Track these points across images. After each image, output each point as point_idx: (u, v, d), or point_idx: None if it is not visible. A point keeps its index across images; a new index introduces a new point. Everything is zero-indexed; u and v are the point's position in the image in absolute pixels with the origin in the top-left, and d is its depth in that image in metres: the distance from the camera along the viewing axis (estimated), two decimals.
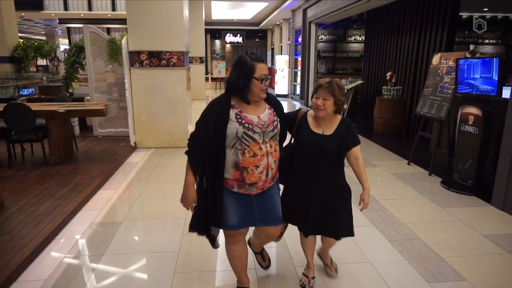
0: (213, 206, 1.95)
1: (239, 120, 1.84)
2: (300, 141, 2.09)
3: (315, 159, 2.06)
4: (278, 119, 1.98)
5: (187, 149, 1.92)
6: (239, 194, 1.95)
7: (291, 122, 2.15)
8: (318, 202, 2.10)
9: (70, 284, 2.41)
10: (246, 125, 1.84)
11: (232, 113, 1.86)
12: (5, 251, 2.62)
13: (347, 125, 2.08)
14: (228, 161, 1.87)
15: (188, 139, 1.93)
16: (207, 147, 1.86)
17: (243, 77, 1.82)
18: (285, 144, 2.18)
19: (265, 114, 1.93)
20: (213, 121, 1.84)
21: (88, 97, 6.54)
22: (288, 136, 2.21)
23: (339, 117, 2.10)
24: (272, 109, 1.99)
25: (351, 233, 2.21)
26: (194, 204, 2.00)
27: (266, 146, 1.88)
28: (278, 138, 2.01)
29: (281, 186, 2.24)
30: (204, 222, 2.02)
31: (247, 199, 1.96)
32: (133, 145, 6.02)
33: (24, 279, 2.47)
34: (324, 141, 2.04)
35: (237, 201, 1.96)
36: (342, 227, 2.17)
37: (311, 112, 2.14)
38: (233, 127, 1.82)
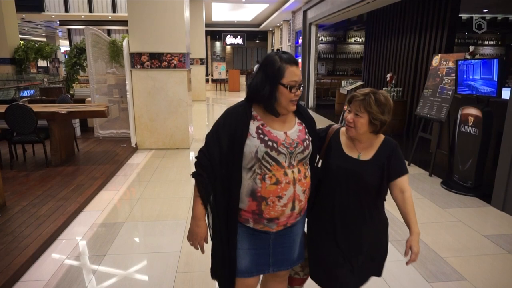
0: (227, 246, 1.53)
1: (261, 136, 1.44)
2: (329, 165, 1.64)
3: (347, 190, 1.60)
4: (310, 138, 1.56)
5: (194, 170, 1.53)
6: (255, 231, 1.52)
7: (319, 141, 1.73)
8: (348, 245, 1.62)
9: (72, 284, 2.43)
10: (270, 143, 1.42)
11: (253, 126, 1.46)
12: (7, 251, 2.64)
13: (391, 149, 1.62)
14: (243, 187, 1.46)
15: (196, 157, 1.53)
16: (219, 168, 1.48)
17: (268, 81, 1.42)
18: None
19: (294, 130, 1.52)
20: (227, 136, 1.45)
21: (89, 99, 6.56)
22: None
23: (381, 137, 1.66)
24: (304, 125, 1.57)
25: (377, 273, 1.73)
26: (204, 243, 1.58)
27: (293, 172, 1.46)
28: (308, 162, 1.58)
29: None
30: (228, 264, 1.56)
31: (263, 238, 1.53)
32: (134, 146, 6.04)
33: (27, 279, 2.48)
34: (360, 168, 1.59)
35: (251, 238, 1.53)
36: (369, 272, 1.71)
37: (344, 129, 1.70)
38: (252, 144, 1.42)
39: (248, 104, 1.52)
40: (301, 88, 1.48)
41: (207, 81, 17.22)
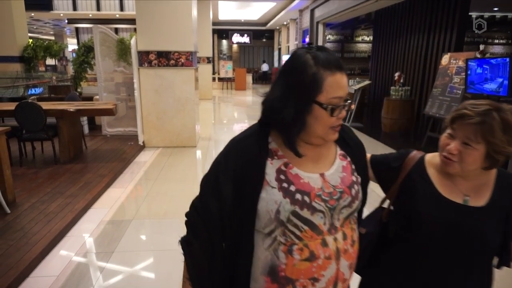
0: None
1: (285, 184, 0.91)
2: (416, 215, 1.06)
3: (446, 254, 1.03)
4: (359, 180, 1.01)
5: (183, 235, 1.03)
6: None
7: (390, 173, 1.16)
8: None
9: (81, 281, 2.45)
10: (298, 196, 0.90)
11: (271, 168, 0.93)
12: (18, 247, 2.67)
13: None
14: (257, 261, 0.95)
15: (187, 215, 1.03)
16: (219, 232, 0.97)
17: (294, 98, 0.88)
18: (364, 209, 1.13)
19: (335, 169, 0.98)
20: (232, 184, 0.93)
21: (97, 97, 6.61)
22: (374, 195, 1.20)
23: (493, 171, 1.07)
24: (349, 159, 1.02)
25: None
26: None
27: (335, 239, 0.94)
28: (356, 216, 1.03)
29: None
30: None
31: None
32: (142, 144, 6.07)
33: (37, 275, 2.51)
34: (472, 220, 1.01)
35: None
36: None
37: (432, 159, 1.13)
38: (271, 199, 0.90)
39: (262, 131, 0.97)
40: (349, 105, 0.92)
41: (213, 79, 17.24)
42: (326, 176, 0.95)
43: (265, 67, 21.79)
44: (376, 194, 1.34)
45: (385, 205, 1.23)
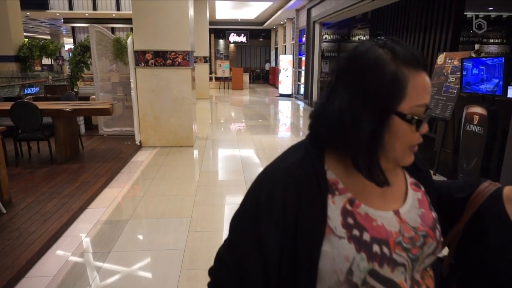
0: None
1: (356, 232, 0.66)
2: (488, 270, 0.79)
3: None
4: (437, 217, 0.77)
5: None
6: None
7: (452, 207, 0.86)
8: None
9: (77, 281, 2.44)
10: (376, 247, 0.66)
11: (334, 210, 0.67)
12: (14, 247, 2.66)
13: None
14: None
15: (212, 273, 0.76)
16: None
17: (369, 108, 0.64)
18: None
19: (410, 204, 0.74)
20: (279, 233, 0.66)
21: (94, 96, 6.59)
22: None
23: None
24: (423, 188, 0.78)
25: None
26: None
27: None
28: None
29: None
30: None
31: None
32: (138, 144, 6.06)
33: (33, 275, 2.50)
34: None
35: None
36: None
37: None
38: (338, 254, 0.65)
39: (316, 154, 0.70)
40: (430, 114, 0.70)
41: (210, 79, 17.21)
42: (402, 215, 0.70)
43: (267, 66, 22.21)
44: None
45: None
